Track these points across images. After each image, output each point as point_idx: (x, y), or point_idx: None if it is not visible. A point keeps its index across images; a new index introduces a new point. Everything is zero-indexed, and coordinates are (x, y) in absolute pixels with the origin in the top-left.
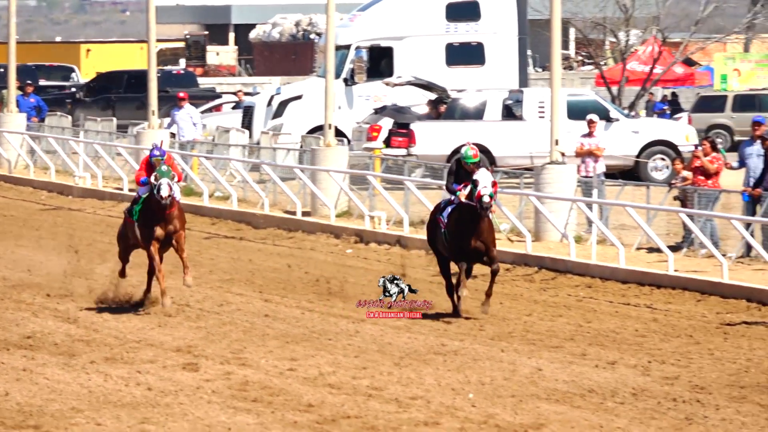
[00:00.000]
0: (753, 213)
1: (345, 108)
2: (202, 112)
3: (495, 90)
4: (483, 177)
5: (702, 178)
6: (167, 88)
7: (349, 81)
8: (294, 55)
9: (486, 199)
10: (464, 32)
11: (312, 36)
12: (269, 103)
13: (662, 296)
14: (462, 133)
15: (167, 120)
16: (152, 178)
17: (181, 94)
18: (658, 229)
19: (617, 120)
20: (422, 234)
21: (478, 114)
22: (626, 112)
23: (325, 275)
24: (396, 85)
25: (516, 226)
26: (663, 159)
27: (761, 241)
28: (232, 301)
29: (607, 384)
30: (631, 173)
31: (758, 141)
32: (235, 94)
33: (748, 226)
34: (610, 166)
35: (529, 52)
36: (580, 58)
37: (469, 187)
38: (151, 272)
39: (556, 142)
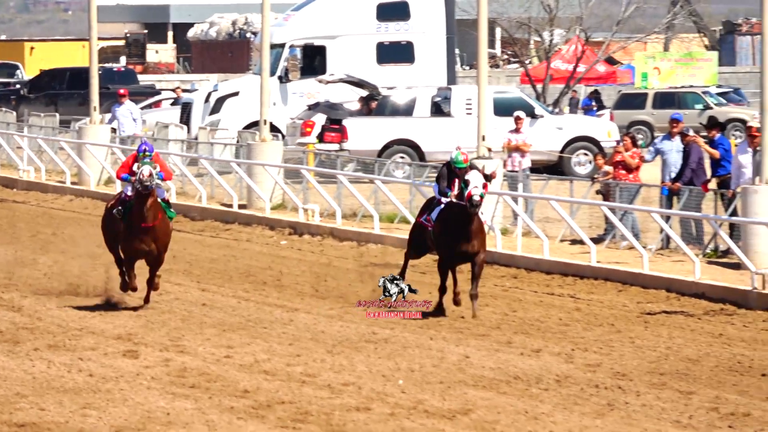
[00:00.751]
0: (671, 206)
1: (280, 104)
2: (142, 108)
3: (424, 87)
4: (474, 178)
5: (623, 172)
6: (108, 84)
7: (284, 78)
8: (230, 53)
9: (476, 198)
10: (394, 32)
11: (248, 35)
12: (207, 100)
13: (585, 286)
14: (392, 129)
15: (108, 116)
16: (135, 168)
17: (122, 91)
18: (581, 221)
19: (542, 117)
20: (354, 226)
21: (407, 110)
22: (550, 109)
23: (260, 266)
24: (329, 82)
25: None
26: (586, 154)
27: (680, 234)
28: (170, 291)
29: (531, 371)
30: (555, 168)
31: (676, 137)
32: (173, 90)
33: (667, 219)
34: (536, 161)
35: (456, 51)
36: (505, 56)
37: (459, 188)
38: (150, 281)
39: (483, 138)
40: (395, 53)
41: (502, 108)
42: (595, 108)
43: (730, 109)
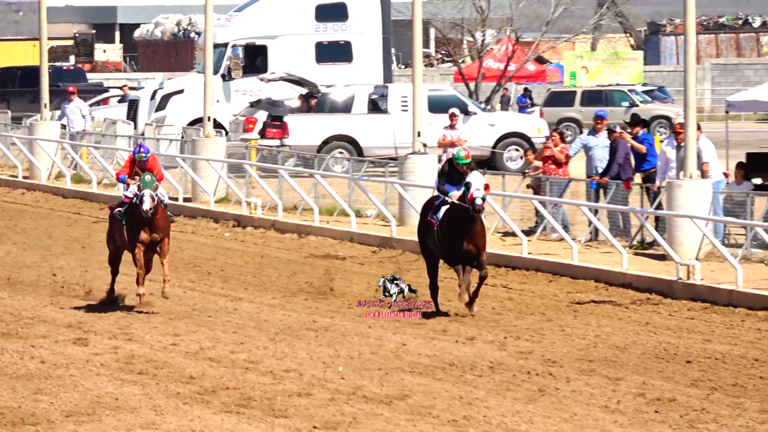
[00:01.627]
0: (599, 200)
1: (223, 102)
2: (91, 105)
3: (362, 85)
4: (476, 180)
5: (553, 167)
6: (58, 82)
7: (227, 77)
8: (175, 53)
9: (478, 201)
10: (333, 32)
11: (192, 35)
12: (152, 97)
13: (517, 277)
14: (331, 126)
15: (58, 112)
16: (136, 188)
17: (71, 89)
18: (513, 214)
19: (475, 113)
20: (295, 218)
21: (346, 107)
22: (483, 106)
23: (205, 257)
24: (270, 80)
25: (382, 212)
26: (517, 150)
27: (607, 226)
28: (119, 281)
29: (466, 358)
30: (487, 163)
31: (602, 133)
32: (120, 88)
33: (595, 212)
34: (475, 157)
35: (392, 51)
36: (439, 56)
37: (461, 189)
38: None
39: (419, 134)
40: (334, 53)
41: (437, 105)
42: (529, 105)
43: (655, 107)
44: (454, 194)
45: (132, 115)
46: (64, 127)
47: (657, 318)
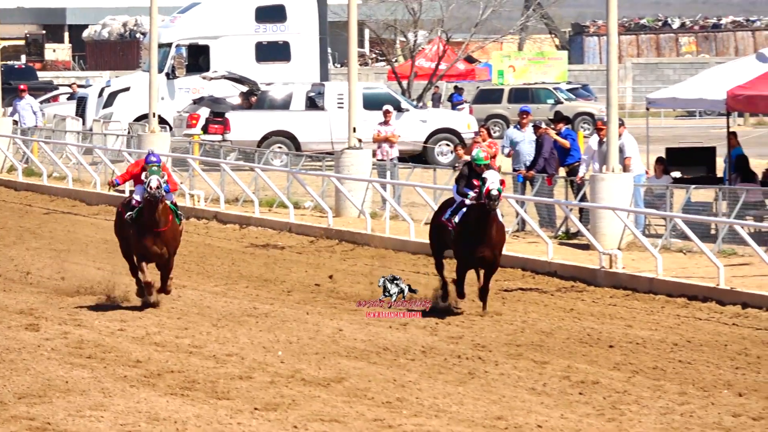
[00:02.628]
0: (525, 192)
1: (167, 99)
2: (41, 102)
3: (299, 83)
4: (491, 176)
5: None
6: (10, 80)
7: (171, 75)
8: (122, 52)
9: (494, 192)
10: (272, 32)
11: (137, 35)
12: (100, 95)
13: (448, 266)
14: (271, 122)
15: (10, 109)
16: (143, 176)
17: (22, 86)
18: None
19: (407, 110)
20: (237, 210)
21: (285, 104)
22: (415, 103)
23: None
24: (212, 78)
25: (319, 204)
26: (447, 145)
27: (534, 218)
28: (69, 269)
29: (399, 343)
30: (419, 157)
31: (527, 128)
32: (70, 86)
33: (522, 204)
34: (402, 150)
35: (329, 50)
36: (374, 55)
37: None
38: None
39: (354, 130)
40: (273, 52)
41: (371, 102)
42: (465, 102)
43: (578, 104)
44: (473, 195)
45: (81, 111)
46: (15, 123)
47: (581, 305)
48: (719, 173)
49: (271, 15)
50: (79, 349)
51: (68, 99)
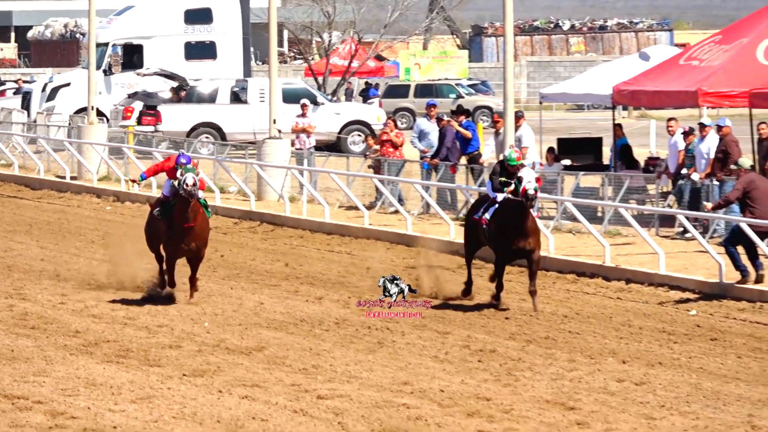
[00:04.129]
0: (430, 178)
1: (104, 93)
2: None
3: (224, 79)
4: (528, 174)
5: (391, 150)
6: None
7: (108, 72)
8: (63, 51)
9: (531, 192)
10: (199, 33)
11: (77, 35)
12: (44, 89)
13: (359, 245)
14: (199, 114)
15: None
16: (178, 174)
17: None
18: (356, 191)
19: (323, 104)
20: None
21: (211, 98)
22: (330, 97)
23: (89, 227)
24: (145, 75)
25: (242, 188)
26: (359, 135)
27: (437, 201)
28: (14, 248)
29: (315, 315)
30: (334, 146)
31: (434, 120)
32: (15, 82)
33: (426, 189)
34: (318, 140)
35: (251, 49)
36: (292, 54)
37: (513, 185)
38: (192, 279)
39: (274, 121)
40: (200, 51)
41: (290, 97)
42: (379, 97)
43: (478, 98)
44: (509, 189)
45: (26, 105)
46: None
47: (480, 280)
48: (605, 161)
49: (199, 17)
50: (24, 320)
51: (14, 93)
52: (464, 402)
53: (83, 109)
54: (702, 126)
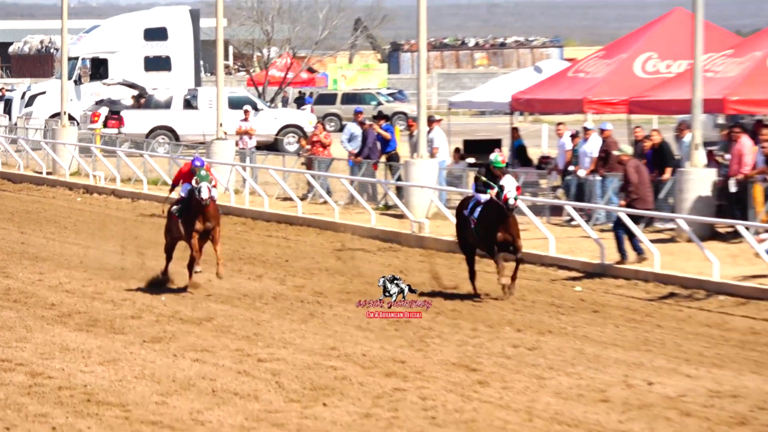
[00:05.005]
0: (355, 174)
1: (75, 100)
2: None
3: (178, 88)
4: (509, 183)
5: (321, 149)
6: None
7: (78, 82)
8: (40, 64)
9: (511, 201)
10: (157, 48)
11: (52, 50)
12: (23, 97)
13: (294, 231)
14: (156, 118)
15: None
16: (194, 182)
17: None
18: (291, 184)
19: (262, 110)
20: (129, 187)
21: (167, 105)
22: (268, 104)
23: (62, 215)
24: (110, 85)
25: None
26: (294, 136)
27: (360, 193)
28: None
29: (256, 290)
30: (272, 146)
31: (357, 123)
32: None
33: (351, 182)
34: (259, 141)
35: (201, 62)
36: (236, 66)
37: (496, 187)
38: (191, 265)
39: (221, 125)
40: (157, 64)
41: (234, 103)
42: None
43: (395, 105)
44: (492, 191)
45: (7, 110)
46: None
47: (396, 261)
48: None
49: (156, 35)
50: (7, 295)
51: None
52: (383, 364)
53: (57, 114)
54: (585, 129)
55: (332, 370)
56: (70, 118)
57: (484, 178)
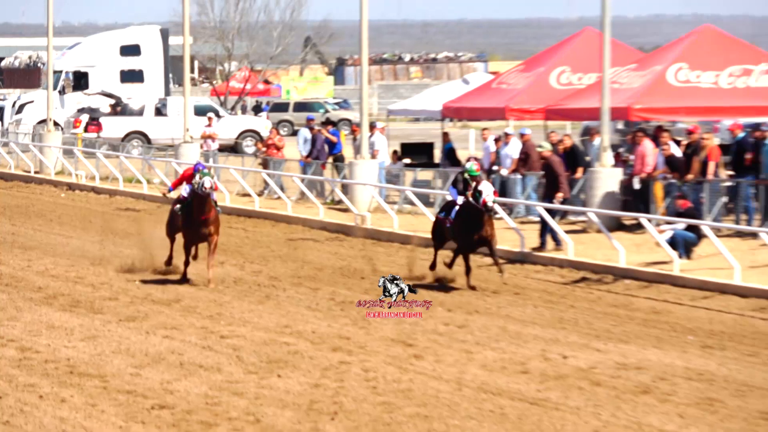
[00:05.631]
0: (306, 173)
1: (60, 108)
2: None
3: (150, 98)
4: (486, 188)
5: (275, 151)
6: None
7: (62, 92)
8: (28, 76)
9: (490, 204)
10: (131, 62)
11: (39, 64)
12: (13, 106)
13: (252, 223)
14: (131, 124)
15: None
16: (197, 177)
17: None
18: (249, 182)
19: (224, 116)
20: (107, 185)
21: (140, 112)
22: (229, 112)
23: (47, 209)
24: (90, 94)
25: (163, 180)
26: (252, 140)
27: (310, 190)
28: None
29: (218, 275)
30: (233, 148)
31: (308, 128)
32: None
33: (303, 180)
34: (221, 144)
35: (170, 75)
36: (201, 78)
37: (472, 189)
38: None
39: (188, 130)
40: (132, 76)
41: (200, 111)
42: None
43: (341, 113)
44: (468, 194)
45: (0, 117)
46: None
47: (342, 249)
48: (436, 160)
49: (131, 51)
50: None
51: None
52: (330, 340)
53: (44, 120)
54: (506, 134)
55: (285, 346)
56: (55, 123)
57: (467, 175)
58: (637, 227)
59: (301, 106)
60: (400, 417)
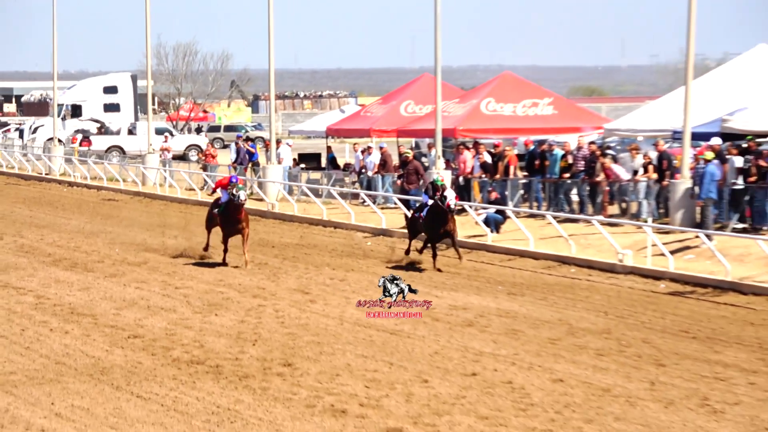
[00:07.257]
0: (232, 174)
1: (62, 130)
2: (2, 131)
3: (125, 122)
4: (450, 194)
5: (211, 159)
6: None
7: (64, 119)
8: (40, 108)
9: (453, 206)
10: (111, 98)
11: (48, 99)
12: (30, 128)
13: (195, 209)
14: (112, 141)
15: None
16: (234, 191)
17: None
18: (193, 180)
19: (175, 135)
20: (96, 183)
21: (118, 132)
22: (179, 132)
23: (55, 200)
24: (83, 120)
25: (134, 179)
26: (195, 151)
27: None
28: (15, 211)
29: (174, 245)
30: (182, 157)
31: (241, 142)
32: (18, 123)
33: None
34: (174, 154)
35: (138, 107)
36: (159, 109)
37: (439, 198)
38: (225, 250)
39: (150, 144)
40: (112, 108)
41: (159, 131)
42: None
43: (256, 133)
44: (437, 195)
45: (21, 135)
46: None
47: (259, 227)
48: (323, 165)
49: (111, 90)
50: (21, 248)
51: (15, 130)
52: (251, 290)
53: (51, 138)
54: (369, 147)
55: (221, 294)
56: (59, 140)
57: (437, 183)
58: (462, 211)
59: (229, 128)
60: (301, 343)
